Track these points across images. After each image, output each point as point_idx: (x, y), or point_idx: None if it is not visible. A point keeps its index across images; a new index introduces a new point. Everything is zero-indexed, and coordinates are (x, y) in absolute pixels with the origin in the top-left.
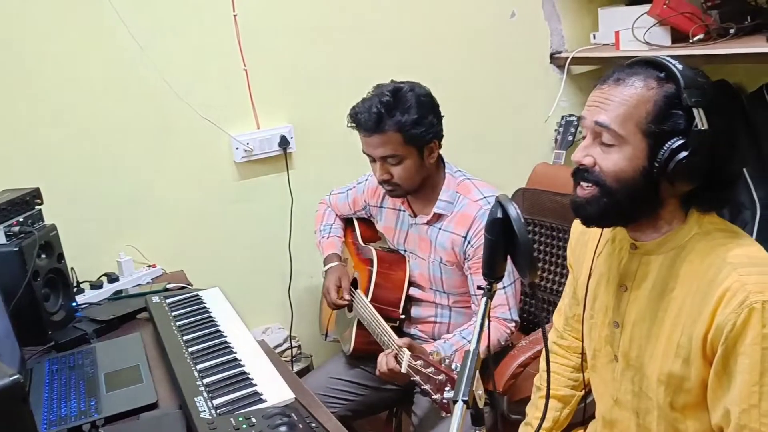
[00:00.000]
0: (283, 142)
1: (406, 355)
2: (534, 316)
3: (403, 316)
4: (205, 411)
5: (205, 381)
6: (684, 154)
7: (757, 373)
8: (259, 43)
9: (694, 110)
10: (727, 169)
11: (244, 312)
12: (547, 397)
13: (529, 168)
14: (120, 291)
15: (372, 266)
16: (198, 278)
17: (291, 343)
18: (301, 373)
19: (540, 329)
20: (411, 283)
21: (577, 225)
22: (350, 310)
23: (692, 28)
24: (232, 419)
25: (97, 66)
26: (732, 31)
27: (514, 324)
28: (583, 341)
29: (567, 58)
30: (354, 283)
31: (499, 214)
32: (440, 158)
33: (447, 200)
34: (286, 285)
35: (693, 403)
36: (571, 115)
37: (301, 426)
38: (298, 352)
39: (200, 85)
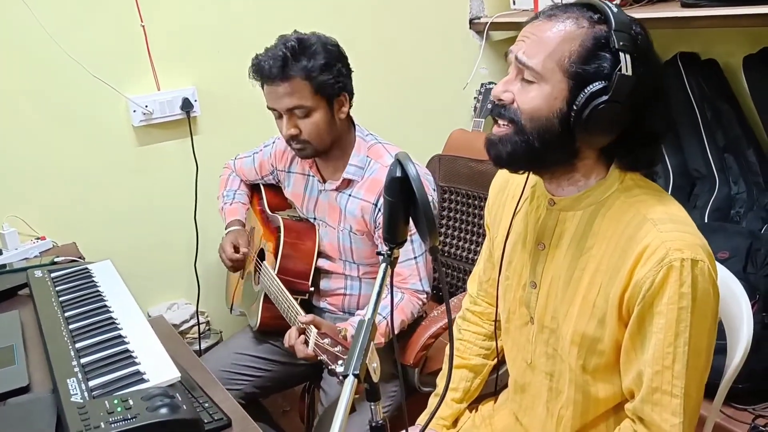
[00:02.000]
0: (186, 105)
1: (313, 333)
2: (448, 285)
3: (312, 289)
4: (77, 394)
5: (82, 361)
6: (603, 98)
7: (672, 333)
8: None
9: (621, 54)
10: (649, 124)
11: (146, 288)
12: (450, 368)
13: (446, 136)
14: (4, 266)
15: (279, 236)
16: (94, 252)
17: (198, 319)
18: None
19: (450, 299)
20: (320, 254)
21: (494, 184)
22: (257, 283)
23: None
24: (106, 402)
25: None
26: None
27: (425, 295)
28: (497, 305)
29: (486, 23)
30: (261, 255)
31: (398, 173)
32: (351, 120)
33: (357, 165)
34: (192, 258)
35: (604, 366)
36: (490, 83)
37: (185, 407)
38: (207, 328)
39: (92, 42)
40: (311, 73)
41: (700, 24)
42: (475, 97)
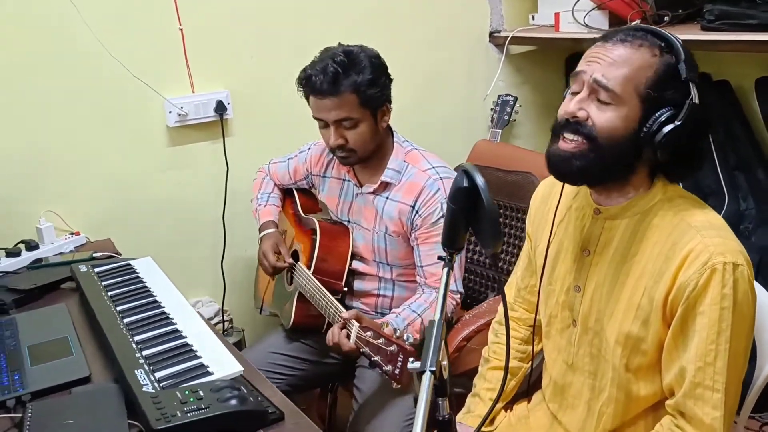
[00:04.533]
0: (220, 108)
1: (355, 327)
2: (474, 291)
3: (345, 289)
4: (147, 384)
5: (144, 353)
6: (676, 124)
7: (714, 332)
8: (195, 2)
9: (690, 84)
10: (701, 143)
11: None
12: (506, 367)
13: (465, 145)
14: (40, 260)
15: (315, 237)
16: (124, 248)
17: (223, 316)
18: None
19: (482, 304)
20: (354, 256)
21: (537, 195)
22: (290, 283)
23: (630, 14)
24: (177, 392)
25: (14, 12)
26: (667, 18)
27: (459, 296)
28: (537, 310)
29: (506, 37)
30: (295, 256)
31: (465, 183)
32: (389, 127)
33: (395, 169)
34: (219, 257)
35: (647, 365)
36: (507, 95)
37: (251, 399)
38: (230, 326)
39: (131, 43)
40: (360, 88)
41: (720, 48)
42: (492, 108)
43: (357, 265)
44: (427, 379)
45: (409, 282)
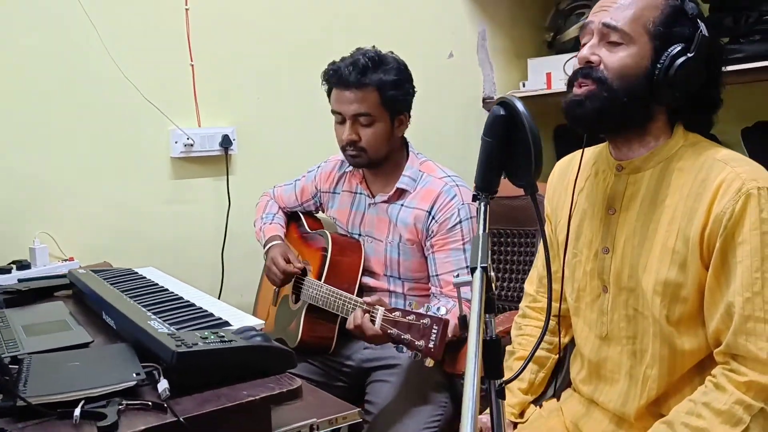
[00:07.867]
0: (226, 142)
1: (380, 311)
2: None
3: None
4: (163, 329)
5: (158, 316)
6: (688, 56)
7: (758, 259)
8: (208, 40)
9: (699, 21)
10: (713, 89)
11: None
12: (541, 336)
13: None
14: (30, 279)
15: (326, 250)
16: None
17: None
18: None
19: (499, 316)
20: (364, 271)
21: (553, 174)
22: (296, 302)
23: None
24: (197, 332)
25: (30, 28)
26: None
27: None
28: (561, 290)
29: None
30: (302, 273)
31: (503, 112)
32: (404, 139)
33: (410, 176)
34: (215, 296)
35: (688, 316)
36: None
37: (274, 343)
38: None
39: (143, 73)
40: (383, 86)
41: None
42: None
43: (367, 280)
44: (478, 276)
45: (421, 297)
